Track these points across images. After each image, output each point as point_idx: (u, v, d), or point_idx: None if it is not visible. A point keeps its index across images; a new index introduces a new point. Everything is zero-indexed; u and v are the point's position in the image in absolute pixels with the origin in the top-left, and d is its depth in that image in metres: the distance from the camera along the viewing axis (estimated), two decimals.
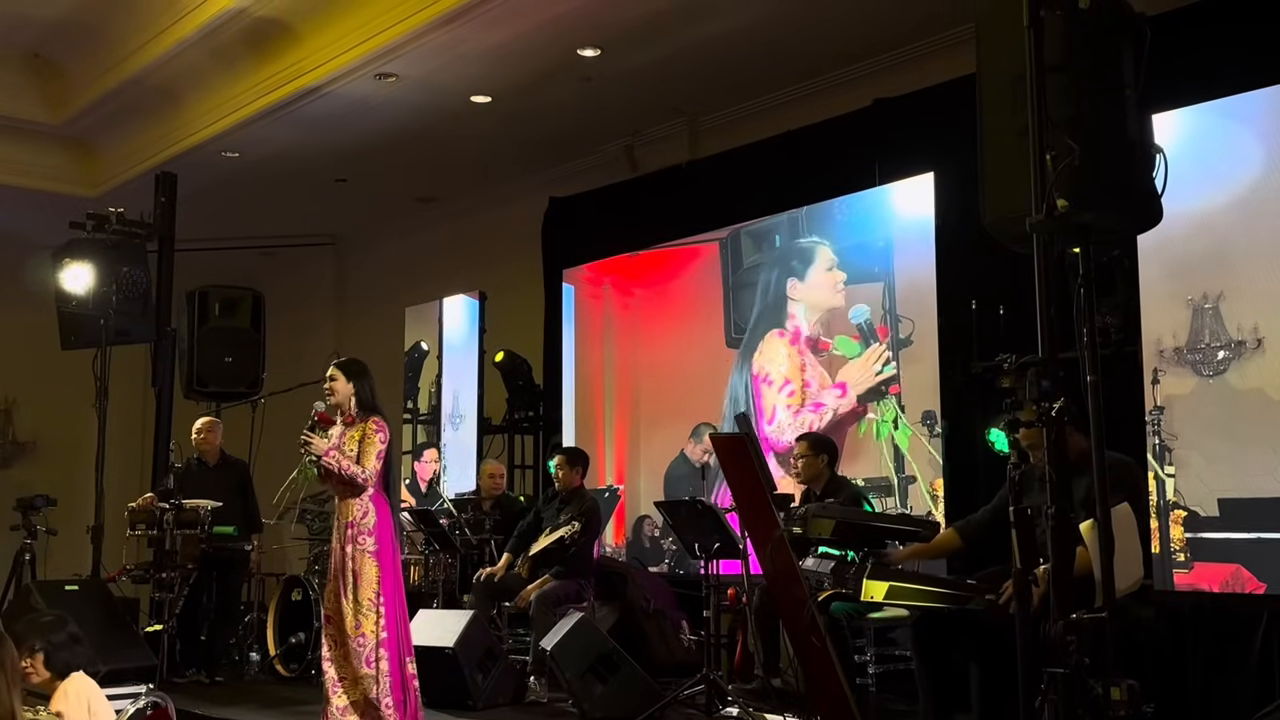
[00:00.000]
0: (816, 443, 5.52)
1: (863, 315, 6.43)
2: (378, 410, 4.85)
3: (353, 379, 4.86)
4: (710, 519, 5.27)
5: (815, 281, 6.75)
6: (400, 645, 4.72)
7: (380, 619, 4.66)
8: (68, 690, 3.44)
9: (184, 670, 6.54)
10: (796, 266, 6.85)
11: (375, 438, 4.72)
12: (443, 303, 9.09)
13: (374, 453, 4.69)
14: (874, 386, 6.32)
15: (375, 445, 4.70)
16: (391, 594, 4.73)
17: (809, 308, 6.77)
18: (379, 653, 4.63)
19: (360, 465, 4.69)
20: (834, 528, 4.13)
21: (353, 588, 4.67)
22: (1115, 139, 2.88)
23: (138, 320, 7.13)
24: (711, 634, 5.29)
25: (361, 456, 4.70)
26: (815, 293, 6.74)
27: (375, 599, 4.68)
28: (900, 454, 6.14)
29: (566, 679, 5.29)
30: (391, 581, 4.75)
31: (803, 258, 6.82)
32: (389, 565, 4.75)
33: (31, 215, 9.21)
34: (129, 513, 6.54)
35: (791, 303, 6.85)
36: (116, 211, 7.19)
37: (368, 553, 4.71)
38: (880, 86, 6.49)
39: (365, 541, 4.72)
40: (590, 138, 8.07)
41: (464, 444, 8.68)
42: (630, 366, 7.92)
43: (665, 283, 7.71)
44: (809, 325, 6.74)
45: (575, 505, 6.26)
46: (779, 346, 6.90)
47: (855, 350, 6.43)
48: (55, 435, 10.74)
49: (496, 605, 6.38)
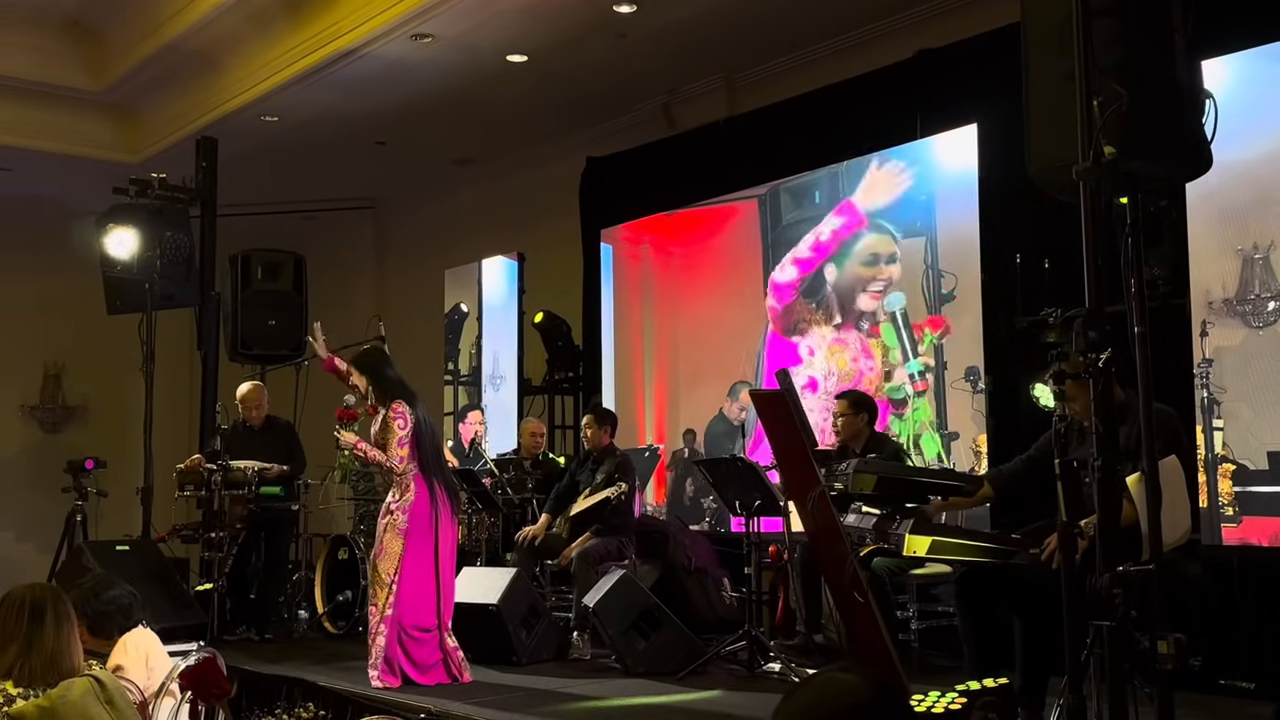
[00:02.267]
0: (857, 401, 5.50)
1: (899, 303, 6.36)
2: (398, 394, 5.00)
3: (365, 371, 5.08)
4: (750, 476, 5.27)
5: (852, 271, 6.67)
6: (404, 622, 4.87)
7: (391, 595, 4.82)
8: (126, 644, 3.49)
9: (234, 628, 6.67)
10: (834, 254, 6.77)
11: (394, 425, 4.94)
12: (482, 264, 9.11)
13: (394, 439, 4.92)
14: (900, 399, 6.28)
15: (394, 432, 4.93)
16: (410, 572, 4.87)
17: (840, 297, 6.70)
18: (380, 628, 4.84)
19: (385, 453, 4.90)
20: (876, 483, 4.10)
21: (376, 561, 4.90)
22: (1164, 84, 2.81)
23: (182, 284, 7.22)
24: (753, 591, 5.31)
25: (386, 444, 4.92)
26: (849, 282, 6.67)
27: (392, 575, 4.84)
28: (942, 410, 6.10)
29: (609, 635, 5.33)
30: (414, 560, 4.89)
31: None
32: (416, 544, 4.90)
33: (75, 182, 9.32)
34: (177, 474, 6.65)
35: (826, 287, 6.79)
36: (159, 177, 7.27)
37: (396, 529, 4.90)
38: (920, 38, 6.38)
39: (397, 518, 4.92)
40: (627, 96, 8.02)
41: (504, 405, 8.73)
42: (669, 325, 7.92)
43: (703, 241, 7.68)
44: (841, 314, 6.69)
45: (609, 464, 6.28)
46: (823, 332, 6.86)
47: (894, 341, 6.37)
48: (104, 399, 10.92)
49: (539, 563, 6.43)
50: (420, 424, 4.99)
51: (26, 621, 2.92)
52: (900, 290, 6.38)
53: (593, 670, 5.46)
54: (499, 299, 8.92)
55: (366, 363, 5.14)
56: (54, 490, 7.52)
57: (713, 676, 5.13)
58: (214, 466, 6.53)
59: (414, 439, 4.95)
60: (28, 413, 11.07)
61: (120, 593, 3.61)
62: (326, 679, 5.15)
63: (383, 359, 5.22)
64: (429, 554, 4.92)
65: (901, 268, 6.38)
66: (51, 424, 11.10)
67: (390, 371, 5.13)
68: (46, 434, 11.02)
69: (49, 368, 11.09)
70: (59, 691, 2.83)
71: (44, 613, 2.94)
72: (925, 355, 6.22)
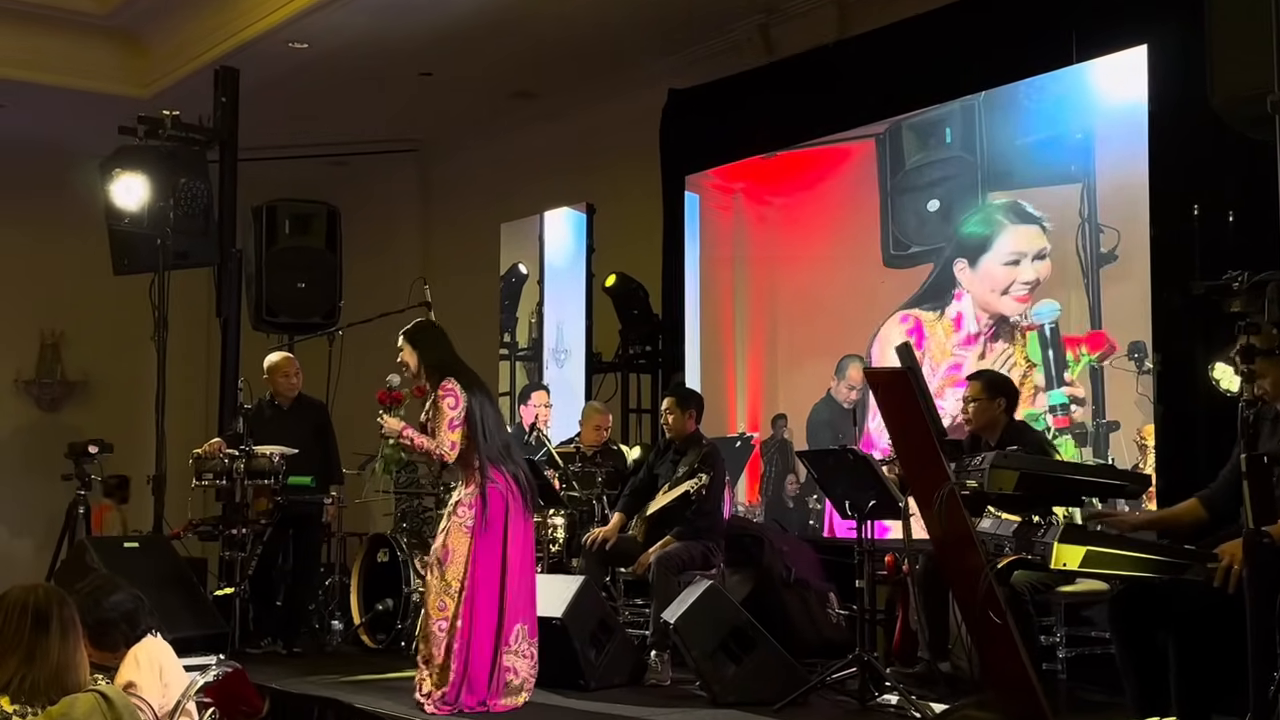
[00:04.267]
0: (992, 383, 5.45)
1: (1051, 314, 6.23)
2: (449, 372, 5.08)
3: (418, 346, 5.17)
4: (864, 471, 5.24)
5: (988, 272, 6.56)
6: (483, 633, 4.94)
7: (459, 604, 4.91)
8: (138, 657, 3.57)
9: (259, 639, 6.84)
10: (968, 246, 6.67)
11: (443, 405, 5.00)
12: (544, 217, 9.16)
13: (444, 422, 4.99)
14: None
15: (445, 414, 4.99)
16: (484, 579, 4.96)
17: (977, 302, 6.61)
18: (447, 643, 4.93)
19: (435, 439, 4.98)
20: (1018, 480, 4.06)
21: (439, 564, 4.98)
22: None
23: (199, 240, 7.37)
24: (865, 608, 5.29)
25: (436, 429, 4.99)
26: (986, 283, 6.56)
27: (460, 580, 4.93)
28: (1100, 392, 6.00)
29: (693, 657, 5.36)
30: (487, 564, 4.97)
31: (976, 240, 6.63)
32: (487, 545, 4.99)
33: (75, 121, 9.54)
34: (194, 460, 6.79)
35: (958, 288, 6.72)
36: (171, 114, 7.40)
37: (463, 527, 4.99)
38: None
39: (463, 514, 5.01)
40: (717, 16, 7.97)
41: (570, 384, 8.79)
42: (766, 291, 7.88)
43: (809, 189, 7.62)
44: (976, 323, 6.60)
45: (693, 454, 6.29)
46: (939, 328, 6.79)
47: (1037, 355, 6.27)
48: (109, 373, 11.20)
49: (610, 571, 6.48)
50: (476, 407, 5.06)
51: (29, 630, 2.99)
52: (1053, 298, 6.24)
53: (673, 698, 5.48)
54: (564, 259, 8.97)
55: (422, 334, 5.24)
56: (53, 477, 7.73)
57: (816, 709, 5.13)
58: (236, 452, 6.67)
59: (468, 422, 5.02)
60: (22, 388, 11.34)
61: (124, 597, 3.69)
62: (365, 700, 5.25)
63: (436, 332, 5.33)
64: (497, 557, 5.01)
65: (1052, 264, 6.26)
66: (49, 401, 11.38)
67: (444, 347, 5.24)
68: (44, 413, 11.31)
69: (46, 336, 11.35)
70: (61, 709, 2.91)
71: (48, 619, 3.01)
72: (1076, 383, 6.10)
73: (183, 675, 3.60)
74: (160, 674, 3.55)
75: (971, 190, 6.70)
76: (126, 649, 3.61)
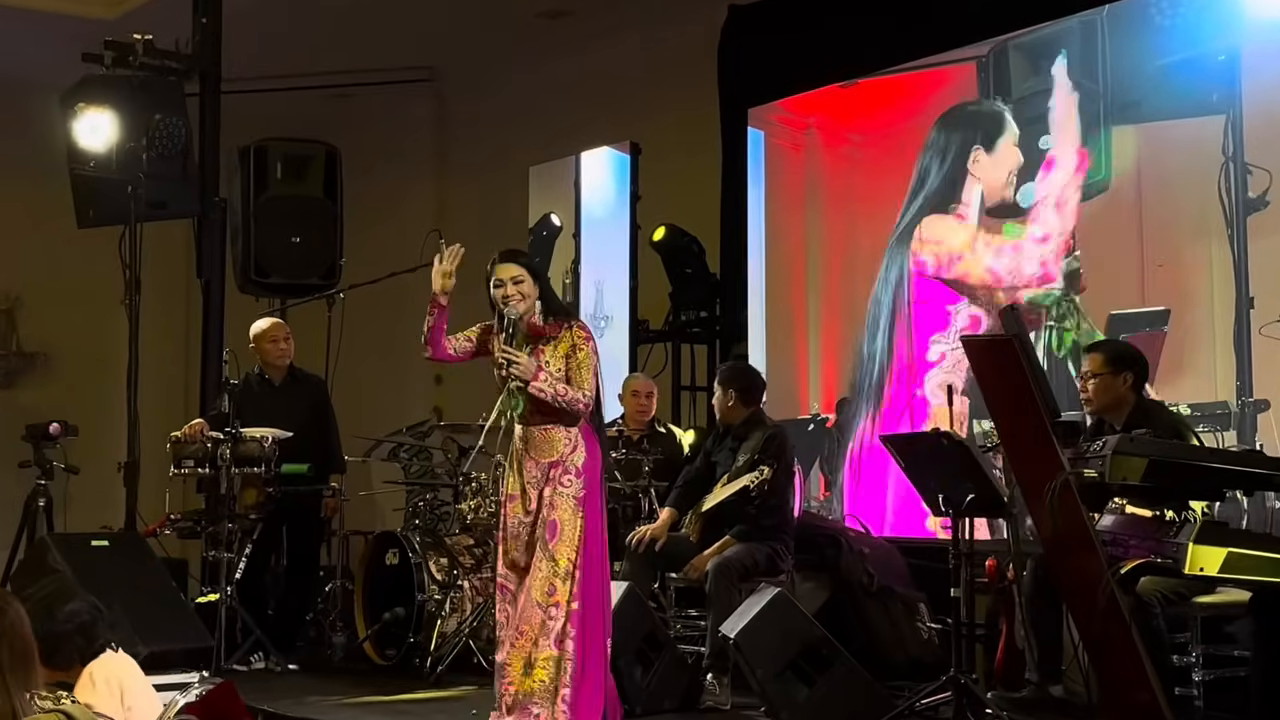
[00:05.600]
0: (1116, 356, 5.41)
1: None
2: (574, 313, 5.04)
3: (539, 280, 5.14)
4: (961, 459, 5.22)
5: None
6: (595, 625, 4.95)
7: (576, 585, 4.90)
8: (94, 676, 3.62)
9: (247, 654, 6.90)
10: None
11: (587, 348, 5.02)
12: (580, 159, 9.16)
13: (589, 369, 4.99)
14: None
15: (590, 360, 5.01)
16: (597, 557, 4.99)
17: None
18: (566, 629, 4.88)
19: (577, 388, 4.95)
20: (1146, 469, 4.03)
21: (547, 542, 4.93)
22: None
23: (176, 187, 7.42)
24: (963, 622, 5.29)
25: (574, 376, 4.97)
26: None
27: (576, 559, 4.92)
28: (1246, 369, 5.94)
29: (758, 678, 5.36)
30: (598, 541, 5.01)
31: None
32: (596, 519, 5.01)
33: (31, 46, 9.58)
34: (172, 445, 6.88)
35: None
36: (144, 39, 7.43)
37: (574, 498, 4.97)
38: None
39: (571, 483, 4.98)
40: None
41: (612, 355, 8.75)
42: (845, 246, 7.86)
43: (896, 123, 7.60)
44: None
45: (755, 440, 6.29)
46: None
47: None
48: (73, 344, 11.29)
49: (659, 577, 6.49)
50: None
51: None
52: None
53: None
54: (604, 208, 8.97)
55: (541, 265, 5.24)
56: (8, 465, 7.82)
57: None
58: (221, 435, 6.73)
59: (597, 376, 5.05)
60: None
61: (79, 606, 3.73)
62: None
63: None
64: (606, 534, 5.06)
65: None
66: (2, 377, 11.50)
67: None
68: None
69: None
70: None
71: None
72: None
73: (152, 696, 3.64)
74: (121, 696, 3.58)
75: (1092, 124, 6.64)
76: (82, 666, 3.65)
